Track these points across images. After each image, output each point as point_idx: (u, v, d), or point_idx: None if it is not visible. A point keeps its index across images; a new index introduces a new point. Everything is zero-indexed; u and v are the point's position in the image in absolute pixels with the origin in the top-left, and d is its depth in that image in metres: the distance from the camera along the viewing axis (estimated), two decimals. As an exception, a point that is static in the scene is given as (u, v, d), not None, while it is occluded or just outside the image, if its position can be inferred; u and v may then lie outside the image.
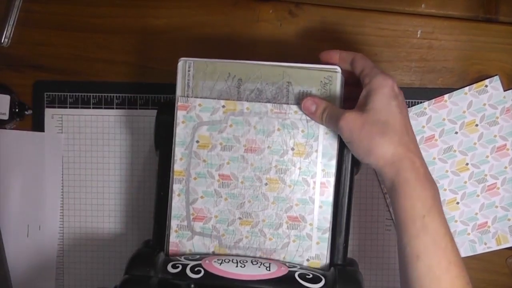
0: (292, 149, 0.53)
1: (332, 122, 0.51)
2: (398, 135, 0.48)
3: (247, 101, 0.54)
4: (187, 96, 0.54)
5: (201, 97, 0.54)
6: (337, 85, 0.53)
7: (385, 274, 0.64)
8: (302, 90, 0.53)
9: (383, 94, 0.48)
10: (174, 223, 0.54)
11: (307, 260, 0.54)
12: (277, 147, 0.53)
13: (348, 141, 0.50)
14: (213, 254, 0.54)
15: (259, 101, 0.54)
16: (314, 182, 0.53)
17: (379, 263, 0.64)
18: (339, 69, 0.53)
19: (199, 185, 0.54)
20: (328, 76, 0.53)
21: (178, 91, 0.54)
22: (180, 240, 0.54)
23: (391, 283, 0.64)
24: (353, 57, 0.52)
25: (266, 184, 0.54)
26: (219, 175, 0.54)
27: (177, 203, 0.54)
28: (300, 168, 0.53)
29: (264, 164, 0.54)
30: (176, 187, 0.54)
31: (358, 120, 0.48)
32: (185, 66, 0.54)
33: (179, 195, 0.54)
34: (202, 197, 0.54)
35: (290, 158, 0.53)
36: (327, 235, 0.54)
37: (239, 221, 0.54)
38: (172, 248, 0.54)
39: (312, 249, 0.54)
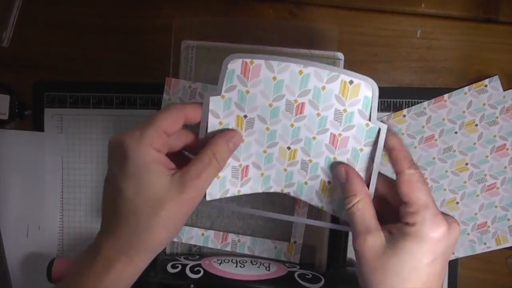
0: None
1: (351, 229, 0.42)
2: None
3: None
4: (190, 80, 0.54)
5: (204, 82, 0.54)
6: None
7: (385, 274, 0.64)
8: None
9: (420, 248, 0.40)
10: None
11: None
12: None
13: (356, 264, 0.42)
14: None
15: None
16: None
17: (379, 263, 0.64)
18: (342, 56, 0.53)
19: None
20: (330, 63, 0.53)
21: (181, 75, 0.54)
22: None
23: (391, 283, 0.64)
24: (401, 173, 0.41)
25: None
26: None
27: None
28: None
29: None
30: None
31: (376, 259, 0.40)
32: (188, 49, 0.54)
33: None
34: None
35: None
36: None
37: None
38: None
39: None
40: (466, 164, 0.63)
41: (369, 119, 0.43)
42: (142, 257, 0.39)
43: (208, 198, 0.45)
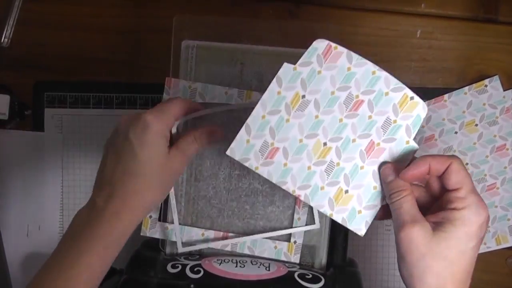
0: None
1: (394, 221, 0.45)
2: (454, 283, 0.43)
3: (251, 87, 0.54)
4: (190, 80, 0.54)
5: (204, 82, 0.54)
6: None
7: (385, 274, 0.64)
8: None
9: (467, 232, 0.43)
10: None
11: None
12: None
13: (399, 255, 0.44)
14: None
15: (261, 87, 0.53)
16: None
17: (379, 263, 0.64)
18: None
19: None
20: None
21: (181, 75, 0.54)
22: None
23: (391, 283, 0.64)
24: (450, 165, 0.44)
25: None
26: None
27: None
28: None
29: None
30: None
31: (423, 246, 0.43)
32: (188, 49, 0.54)
33: None
34: None
35: None
36: None
37: None
38: None
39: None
40: (466, 164, 0.63)
41: (411, 138, 0.45)
42: (141, 212, 0.47)
43: (228, 152, 0.46)
